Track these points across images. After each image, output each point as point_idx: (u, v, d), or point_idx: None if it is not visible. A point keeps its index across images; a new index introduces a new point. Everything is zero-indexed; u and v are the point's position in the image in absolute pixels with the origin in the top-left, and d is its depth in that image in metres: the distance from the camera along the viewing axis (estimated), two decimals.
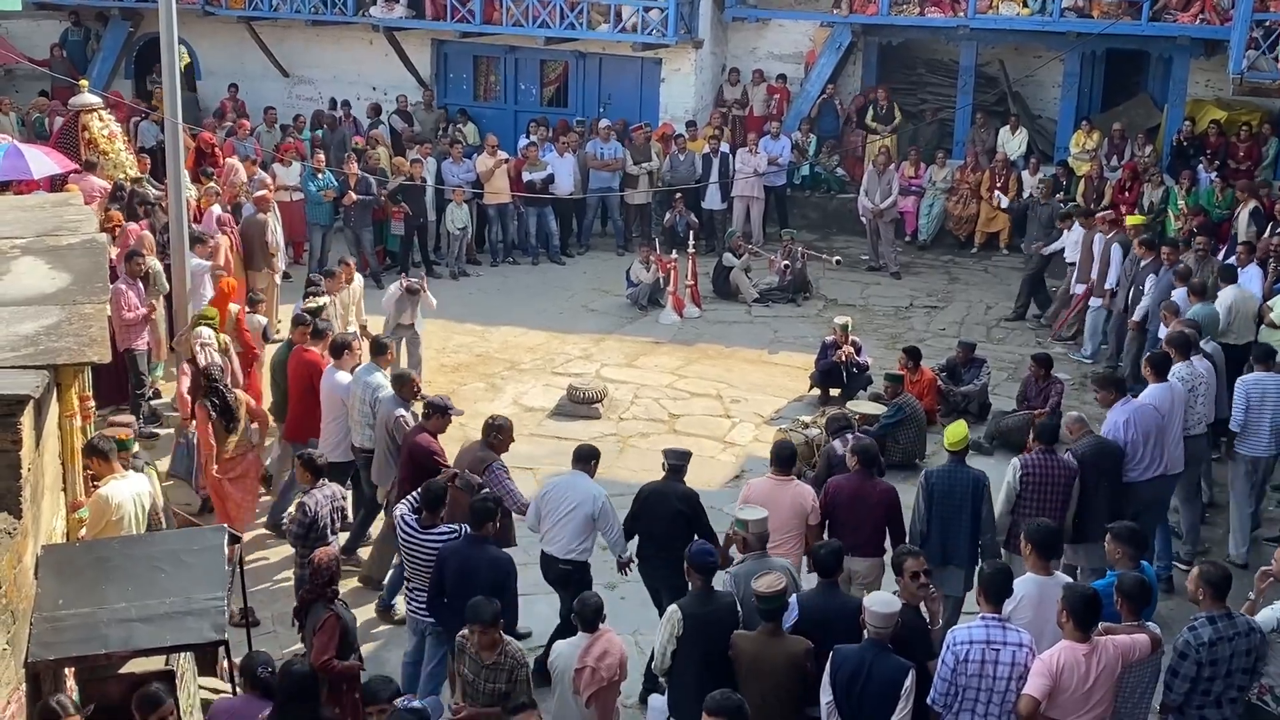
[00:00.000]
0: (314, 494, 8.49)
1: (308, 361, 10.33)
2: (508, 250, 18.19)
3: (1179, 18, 17.44)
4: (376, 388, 9.67)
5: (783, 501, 8.17)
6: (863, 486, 8.36)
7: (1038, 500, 8.57)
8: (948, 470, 8.53)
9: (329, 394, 10.01)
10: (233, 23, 21.54)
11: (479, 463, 8.64)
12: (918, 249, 18.67)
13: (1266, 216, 14.59)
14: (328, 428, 10.04)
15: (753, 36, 20.76)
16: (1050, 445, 8.78)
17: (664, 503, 8.29)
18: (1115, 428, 9.19)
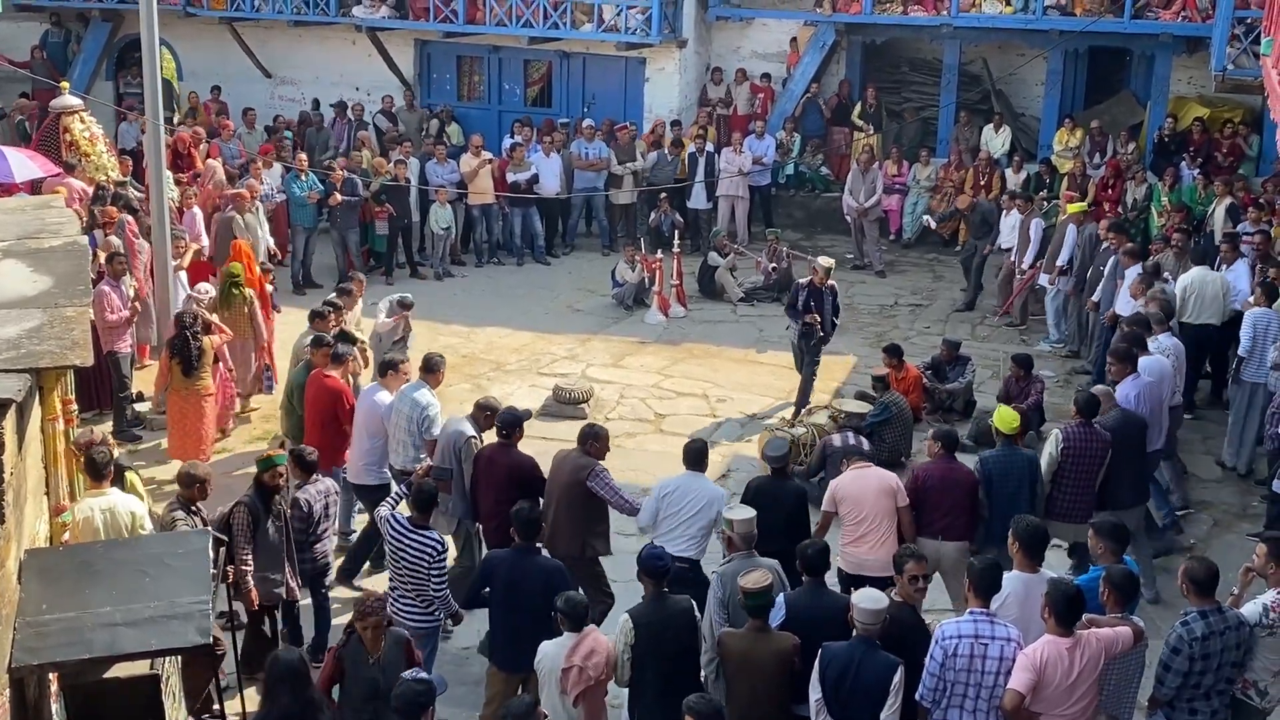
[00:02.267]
0: (308, 489, 8.65)
1: (330, 389, 9.91)
2: (493, 251, 18.16)
3: (1161, 15, 17.52)
4: (426, 406, 9.34)
5: (868, 488, 8.30)
6: (951, 470, 8.52)
7: (1075, 470, 8.84)
8: (1003, 454, 8.73)
9: (368, 414, 9.60)
10: (214, 24, 21.47)
11: (580, 469, 8.38)
12: (902, 247, 18.71)
13: (1242, 211, 14.65)
14: (362, 449, 9.65)
15: (736, 36, 20.77)
16: (1089, 418, 8.96)
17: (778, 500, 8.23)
18: (1127, 401, 9.57)
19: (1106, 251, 13.48)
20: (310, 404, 9.96)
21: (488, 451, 8.73)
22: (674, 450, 11.52)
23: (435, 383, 9.61)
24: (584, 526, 8.37)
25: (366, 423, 9.62)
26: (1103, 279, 13.32)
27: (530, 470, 8.62)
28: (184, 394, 10.91)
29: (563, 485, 8.41)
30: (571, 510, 8.36)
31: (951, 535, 8.39)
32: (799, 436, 11.33)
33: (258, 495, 8.13)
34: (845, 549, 8.35)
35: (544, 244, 18.36)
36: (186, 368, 10.80)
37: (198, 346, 10.81)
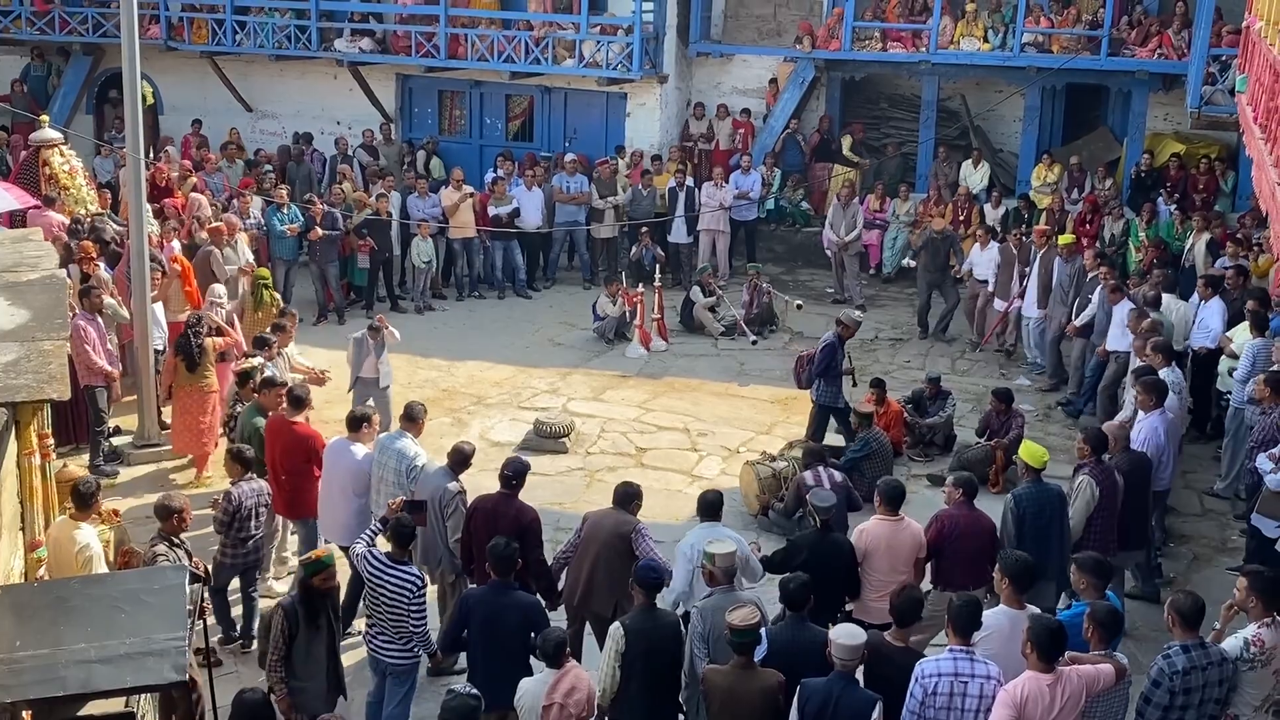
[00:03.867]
0: (240, 485, 8.73)
1: (304, 436, 9.52)
2: (474, 284, 18.15)
3: (1137, 53, 17.73)
4: (414, 457, 8.98)
5: (902, 543, 8.09)
6: (974, 518, 8.39)
7: (1103, 512, 8.78)
8: (1034, 489, 8.62)
9: (347, 470, 9.16)
10: (195, 58, 21.49)
11: (623, 525, 8.17)
12: (882, 282, 18.79)
13: (1220, 246, 14.78)
14: (336, 505, 9.23)
15: (717, 71, 20.91)
16: (1101, 454, 8.93)
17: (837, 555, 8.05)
18: (1155, 434, 9.66)
19: (1093, 282, 13.61)
20: (283, 454, 9.47)
21: (489, 503, 8.44)
22: (655, 485, 11.60)
23: (417, 432, 9.28)
24: (620, 587, 8.11)
25: (353, 481, 9.16)
26: (1088, 309, 13.40)
27: (533, 523, 8.37)
28: (188, 390, 11.72)
29: (602, 543, 8.18)
30: (610, 570, 8.14)
31: (975, 585, 8.09)
32: (780, 470, 11.31)
33: (301, 600, 7.31)
34: (871, 602, 8.11)
35: (525, 277, 18.36)
36: (189, 365, 11.64)
37: (198, 346, 11.59)
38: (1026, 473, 8.76)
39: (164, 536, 7.90)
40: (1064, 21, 18.27)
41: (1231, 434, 11.65)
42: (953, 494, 8.48)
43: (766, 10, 20.17)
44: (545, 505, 8.72)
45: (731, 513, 11.38)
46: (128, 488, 11.65)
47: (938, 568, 8.25)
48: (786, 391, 14.51)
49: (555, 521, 10.20)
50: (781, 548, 8.36)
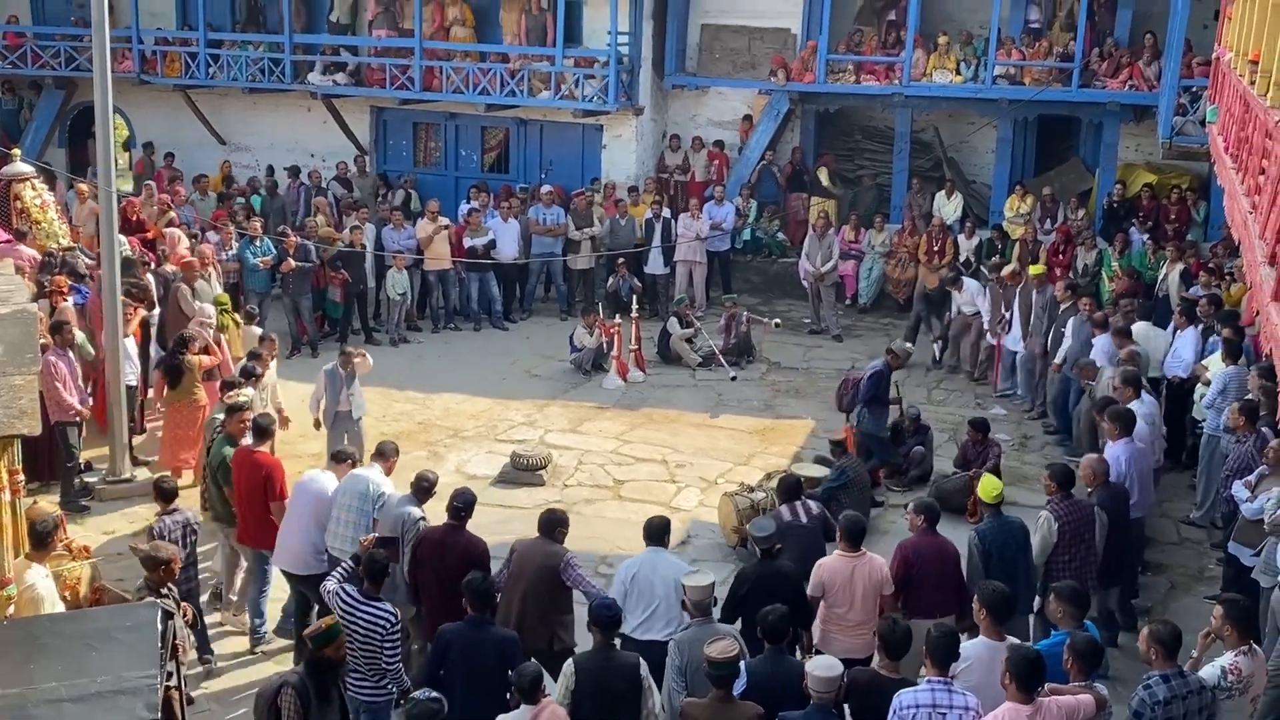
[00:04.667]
0: (165, 519, 8.66)
1: (260, 464, 9.41)
2: (449, 316, 18.10)
3: (1108, 84, 17.91)
4: (380, 484, 8.94)
5: (863, 578, 7.99)
6: (938, 545, 8.34)
7: (1072, 547, 8.72)
8: (996, 524, 8.62)
9: (310, 499, 9.09)
10: (168, 91, 21.44)
11: (551, 557, 8.09)
12: (858, 312, 18.85)
13: (1194, 276, 14.91)
14: (302, 536, 9.08)
15: (692, 104, 21.01)
16: (1068, 490, 8.89)
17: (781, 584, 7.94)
18: (1118, 463, 9.64)
19: (1066, 312, 13.69)
20: (245, 483, 9.42)
21: (437, 534, 8.39)
22: (633, 517, 11.53)
23: (388, 469, 9.19)
24: (553, 618, 8.11)
25: (315, 512, 9.06)
26: (1064, 340, 13.46)
27: (483, 555, 8.28)
28: (176, 405, 12.18)
29: (531, 575, 8.09)
30: (539, 601, 8.07)
31: (943, 612, 8.07)
32: (759, 501, 11.27)
33: (310, 674, 6.85)
34: (833, 634, 8.09)
35: (502, 309, 18.33)
36: (173, 382, 12.04)
37: (179, 364, 11.98)
38: (984, 508, 8.78)
39: (151, 587, 7.65)
40: (1035, 54, 18.45)
41: (1205, 461, 11.70)
42: (915, 521, 8.47)
43: (741, 43, 20.29)
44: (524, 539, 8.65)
45: (710, 544, 11.40)
46: (99, 524, 11.52)
47: (905, 597, 8.17)
48: (764, 422, 14.53)
49: None
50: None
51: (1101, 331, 13.01)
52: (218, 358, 12.64)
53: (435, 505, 8.82)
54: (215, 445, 9.99)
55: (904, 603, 8.17)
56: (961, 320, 16.02)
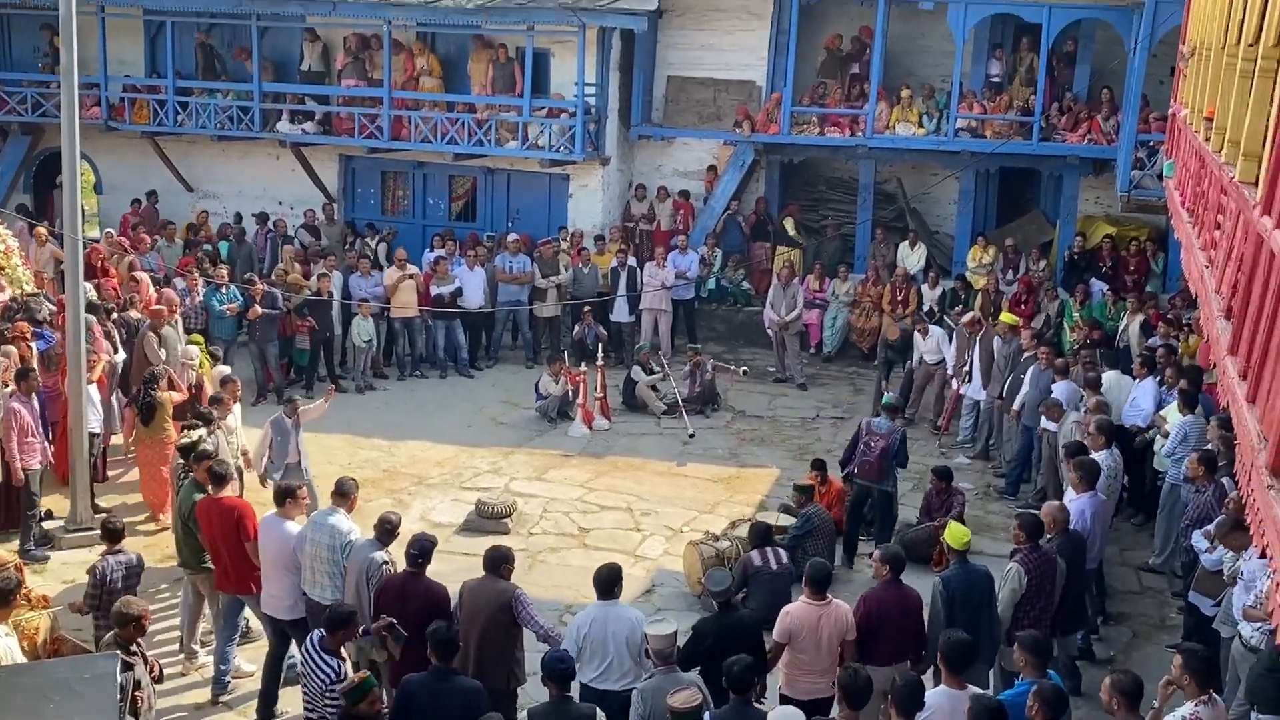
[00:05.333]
0: (108, 559, 8.67)
1: (228, 508, 9.31)
2: (415, 364, 18.07)
3: (1068, 138, 18.23)
4: (348, 533, 8.81)
5: (827, 627, 8.01)
6: (901, 595, 8.33)
7: (1037, 596, 8.72)
8: (961, 571, 8.62)
9: (278, 545, 9.00)
10: (136, 138, 21.42)
11: (502, 594, 8.07)
12: (823, 360, 18.96)
13: (1153, 328, 15.11)
14: (284, 585, 9.02)
15: (658, 154, 21.19)
16: (1037, 540, 8.90)
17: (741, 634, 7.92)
18: (1083, 516, 9.73)
19: (1027, 361, 13.85)
20: (217, 529, 9.32)
21: (398, 580, 8.36)
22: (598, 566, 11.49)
23: (349, 508, 9.15)
24: (509, 656, 8.11)
25: (280, 556, 9.01)
26: (1021, 390, 13.62)
27: (444, 602, 8.23)
28: (149, 443, 12.49)
29: (485, 615, 8.06)
30: (495, 641, 8.06)
31: (898, 659, 8.12)
32: (723, 550, 11.28)
33: None
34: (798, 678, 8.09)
35: (468, 357, 18.33)
36: (145, 419, 12.35)
37: (150, 401, 12.25)
38: (951, 554, 8.81)
39: (119, 643, 7.48)
40: (996, 108, 18.77)
41: (1166, 509, 11.82)
42: (880, 570, 8.47)
43: (706, 95, 20.52)
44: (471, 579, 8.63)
45: (675, 594, 11.37)
46: (59, 572, 11.37)
47: (865, 646, 8.16)
48: (730, 470, 14.56)
49: None
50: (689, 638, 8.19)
51: (1062, 378, 13.15)
52: (184, 394, 12.84)
53: (400, 548, 8.78)
54: (184, 490, 9.91)
55: (861, 650, 8.17)
56: (925, 370, 16.16)
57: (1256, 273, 6.00)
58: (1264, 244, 5.81)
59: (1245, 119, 7.51)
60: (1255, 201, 6.39)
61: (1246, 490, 5.32)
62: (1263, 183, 6.25)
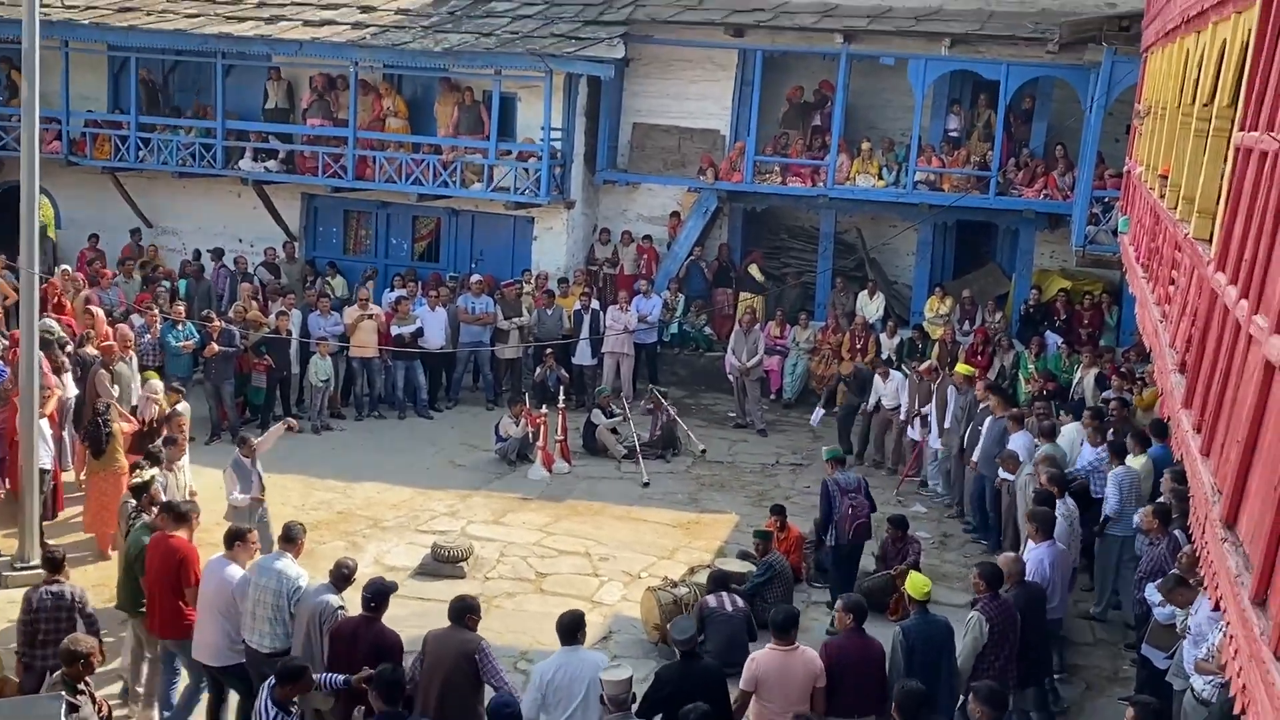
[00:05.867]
0: (42, 589, 8.52)
1: (174, 549, 9.04)
2: (374, 404, 17.96)
3: (1024, 193, 18.52)
4: (296, 578, 8.62)
5: (795, 672, 7.96)
6: (864, 645, 8.30)
7: (997, 648, 8.74)
8: (922, 621, 8.62)
9: (217, 589, 8.76)
10: (96, 173, 21.26)
11: (466, 644, 7.96)
12: (783, 407, 19.03)
13: (1108, 381, 15.29)
14: (220, 629, 8.78)
15: (623, 199, 21.29)
16: (997, 589, 8.93)
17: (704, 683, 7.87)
18: (1041, 565, 9.81)
19: (984, 412, 13.95)
20: (157, 569, 9.07)
21: (350, 625, 8.25)
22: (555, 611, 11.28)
23: (296, 553, 8.98)
24: (470, 708, 7.97)
25: (217, 601, 8.77)
26: (980, 438, 13.74)
27: (396, 649, 8.14)
28: (99, 474, 12.42)
29: (447, 665, 7.94)
30: (458, 691, 7.93)
31: (861, 712, 8.10)
32: (682, 596, 11.23)
33: None
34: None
35: (427, 398, 18.23)
36: (96, 450, 12.29)
37: (107, 432, 12.25)
38: (911, 604, 8.81)
39: (68, 682, 7.30)
40: (954, 161, 19.04)
41: (1103, 558, 12.00)
42: (843, 619, 8.45)
43: (671, 142, 20.68)
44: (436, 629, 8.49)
45: (631, 640, 11.30)
46: (5, 610, 11.13)
47: (827, 696, 8.11)
48: (689, 515, 14.53)
49: None
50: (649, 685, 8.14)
51: (1017, 428, 13.26)
52: (135, 426, 12.88)
53: (355, 593, 8.70)
54: (134, 533, 9.66)
55: (826, 702, 8.12)
56: (883, 416, 16.27)
57: (1210, 327, 6.10)
58: (1217, 299, 5.91)
59: (1200, 177, 7.67)
60: (1209, 257, 6.51)
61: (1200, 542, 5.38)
62: (1216, 239, 6.37)
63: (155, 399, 13.43)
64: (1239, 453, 4.64)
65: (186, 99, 22.06)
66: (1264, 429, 4.42)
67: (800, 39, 19.48)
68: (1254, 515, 4.32)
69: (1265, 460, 4.28)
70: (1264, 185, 5.06)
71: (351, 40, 19.49)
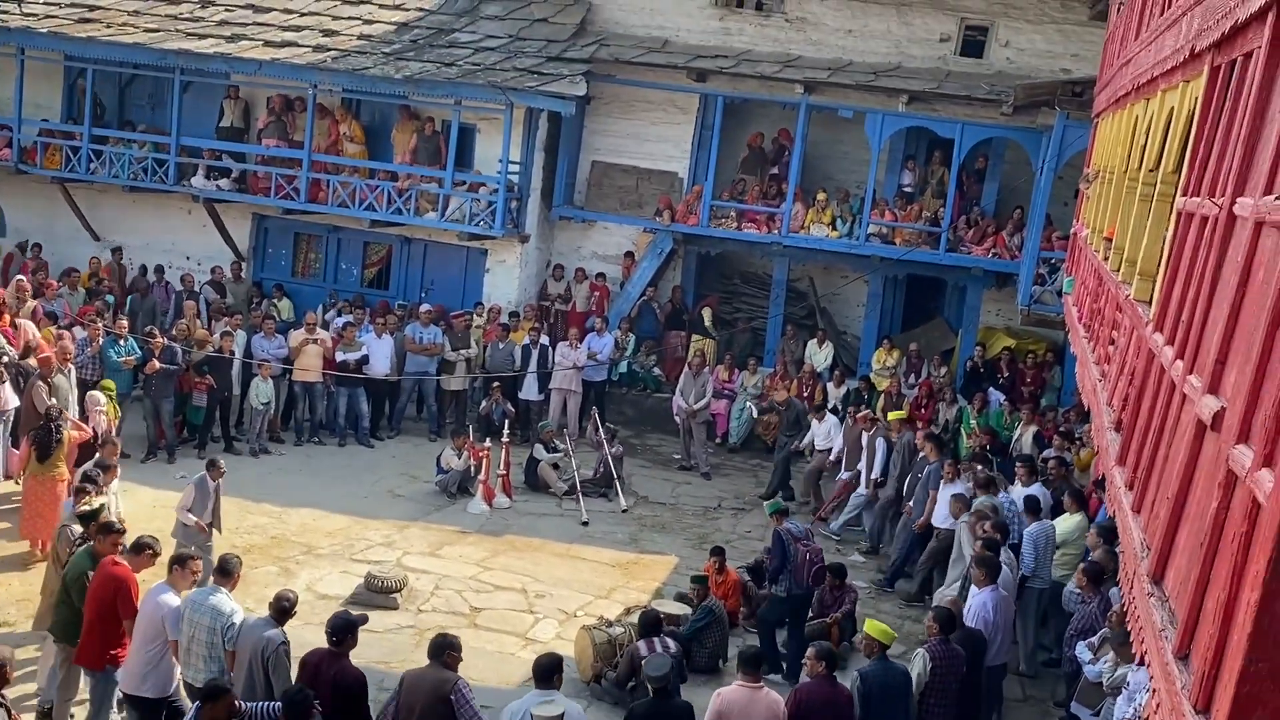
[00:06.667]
0: None
1: (116, 577, 8.71)
2: (314, 429, 17.74)
3: (973, 250, 18.77)
4: (230, 614, 8.37)
5: (758, 712, 7.94)
6: (832, 691, 8.30)
7: (940, 687, 8.82)
8: (881, 667, 8.68)
9: (150, 617, 8.46)
10: (45, 183, 20.99)
11: (443, 684, 7.74)
12: (728, 451, 19.04)
13: (1047, 439, 15.46)
14: (144, 656, 8.46)
15: (578, 235, 21.32)
16: (949, 633, 9.02)
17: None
18: (984, 608, 9.93)
19: (922, 461, 14.06)
20: (94, 594, 8.73)
21: (314, 659, 8.00)
22: (488, 647, 11.34)
23: (231, 587, 8.72)
24: None
25: (148, 628, 8.47)
26: (918, 486, 13.84)
27: (358, 686, 7.93)
28: (39, 478, 12.30)
29: (421, 705, 7.74)
30: None
31: None
32: (616, 636, 11.14)
33: None
34: None
35: (369, 425, 18.04)
36: (42, 454, 12.18)
37: (58, 439, 12.21)
38: (873, 650, 8.84)
39: None
40: (907, 216, 19.27)
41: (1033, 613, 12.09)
42: (815, 666, 8.47)
43: (629, 182, 20.78)
44: (370, 664, 8.30)
45: (564, 679, 11.15)
46: None
47: None
48: (628, 555, 14.46)
49: (380, 681, 9.80)
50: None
51: (951, 478, 13.38)
52: (86, 433, 12.90)
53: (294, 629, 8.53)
54: (77, 557, 9.23)
55: None
56: (819, 460, 16.39)
57: (1147, 386, 6.18)
58: (1155, 359, 5.99)
59: (1143, 240, 7.80)
60: (1148, 319, 6.60)
61: (1129, 597, 5.41)
62: (1156, 301, 6.46)
63: (99, 410, 13.37)
64: (1168, 509, 4.69)
65: (141, 113, 21.87)
66: (1193, 486, 4.46)
67: (761, 87, 19.70)
68: (1180, 571, 4.36)
69: (1193, 516, 4.33)
70: (1203, 249, 5.15)
71: (311, 63, 19.42)
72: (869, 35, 19.86)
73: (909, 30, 19.76)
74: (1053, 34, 19.17)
